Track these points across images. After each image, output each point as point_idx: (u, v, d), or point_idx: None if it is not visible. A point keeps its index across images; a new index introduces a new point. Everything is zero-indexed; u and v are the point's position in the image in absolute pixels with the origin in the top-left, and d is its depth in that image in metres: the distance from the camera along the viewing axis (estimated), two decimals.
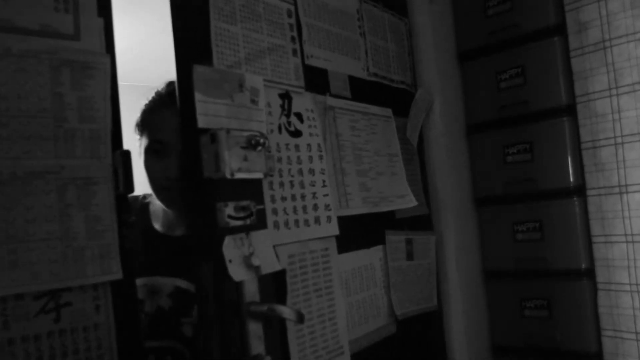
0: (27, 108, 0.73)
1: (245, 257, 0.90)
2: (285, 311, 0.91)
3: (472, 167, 1.70)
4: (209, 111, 0.91)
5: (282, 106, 1.08)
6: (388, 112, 1.41)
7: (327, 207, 1.13)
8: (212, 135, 0.89)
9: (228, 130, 0.90)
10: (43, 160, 0.74)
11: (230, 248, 0.89)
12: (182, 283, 1.17)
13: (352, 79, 1.32)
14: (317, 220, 1.10)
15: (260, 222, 0.97)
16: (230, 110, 0.94)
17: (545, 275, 1.56)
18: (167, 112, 1.17)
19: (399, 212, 1.41)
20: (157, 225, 1.27)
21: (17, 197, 0.72)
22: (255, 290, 0.93)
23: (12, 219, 0.71)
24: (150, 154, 1.18)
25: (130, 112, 1.68)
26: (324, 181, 1.14)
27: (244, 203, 0.92)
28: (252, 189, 0.96)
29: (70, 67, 0.77)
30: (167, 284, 1.18)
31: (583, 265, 1.47)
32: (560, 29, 1.52)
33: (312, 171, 1.12)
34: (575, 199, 1.49)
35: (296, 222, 1.06)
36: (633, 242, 1.37)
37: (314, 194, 1.11)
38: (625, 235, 1.37)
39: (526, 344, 1.59)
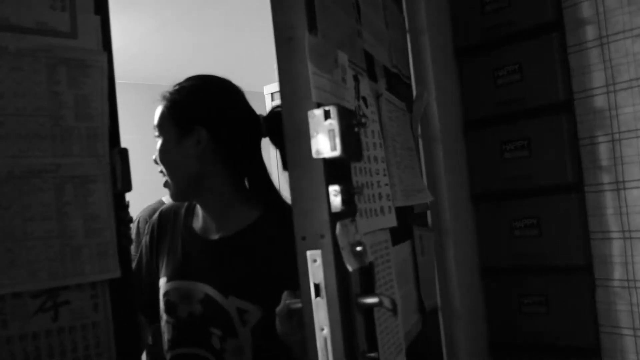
0: (23, 106, 0.73)
1: (352, 245, 0.83)
2: (392, 303, 0.83)
3: (469, 163, 1.70)
4: (320, 85, 0.83)
5: (356, 88, 1.02)
6: (404, 105, 1.40)
7: (387, 197, 1.09)
8: (327, 111, 0.80)
9: (341, 107, 0.81)
10: (40, 158, 0.74)
11: (342, 235, 0.82)
12: (212, 291, 1.12)
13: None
14: (381, 210, 1.06)
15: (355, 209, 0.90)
16: (332, 87, 0.87)
17: (543, 272, 1.56)
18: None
19: (415, 207, 1.40)
20: (197, 227, 1.23)
21: (15, 196, 0.71)
22: (357, 281, 0.86)
23: (9, 217, 0.71)
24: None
25: (128, 110, 1.68)
26: (384, 170, 1.10)
27: (350, 187, 0.84)
28: (346, 173, 0.90)
29: (67, 65, 0.77)
30: (198, 289, 1.13)
31: (581, 262, 1.48)
32: (558, 26, 1.52)
33: (375, 159, 1.07)
34: (572, 195, 1.50)
35: (369, 211, 1.00)
36: (631, 238, 1.38)
37: (378, 182, 1.06)
38: (623, 231, 1.37)
39: (524, 340, 1.60)
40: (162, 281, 1.21)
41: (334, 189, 0.81)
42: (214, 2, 3.27)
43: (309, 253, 0.81)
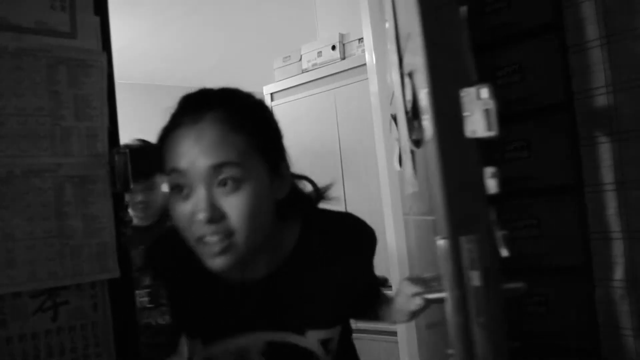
0: (23, 106, 0.73)
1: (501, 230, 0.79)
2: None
3: None
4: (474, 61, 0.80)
5: None
6: None
7: None
8: (482, 90, 0.77)
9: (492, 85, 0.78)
10: (40, 158, 0.74)
11: (495, 219, 0.79)
12: (277, 336, 0.92)
13: None
14: None
15: None
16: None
17: (543, 272, 1.56)
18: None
19: None
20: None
21: (15, 196, 0.71)
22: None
23: (9, 217, 0.71)
24: None
25: (127, 110, 1.68)
26: None
27: (494, 169, 0.80)
28: (500, 154, 0.89)
29: (67, 65, 0.77)
30: (253, 341, 0.93)
31: (581, 262, 1.48)
32: (558, 26, 1.52)
33: None
34: (572, 195, 1.50)
35: None
36: (630, 238, 1.38)
37: None
38: (622, 231, 1.37)
39: (524, 340, 1.60)
40: (193, 345, 0.97)
41: (490, 171, 0.78)
42: (214, 2, 3.27)
43: (463, 239, 0.77)
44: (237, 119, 0.82)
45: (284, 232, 0.94)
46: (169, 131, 0.82)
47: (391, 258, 2.33)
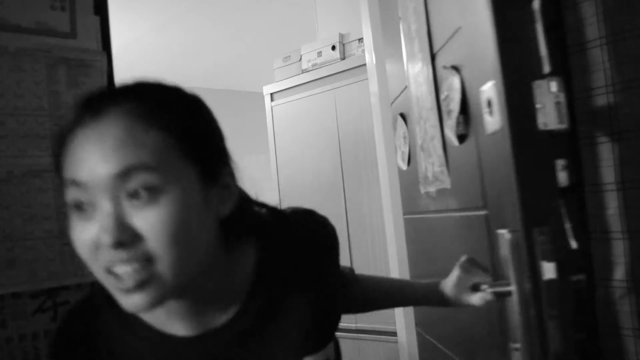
0: (23, 106, 0.73)
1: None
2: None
3: None
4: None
5: None
6: None
7: None
8: (553, 83, 0.79)
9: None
10: (40, 158, 0.74)
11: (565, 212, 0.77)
12: None
13: None
14: None
15: None
16: None
17: None
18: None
19: None
20: (155, 322, 0.70)
21: (15, 196, 0.72)
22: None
23: (9, 217, 0.71)
24: None
25: None
26: None
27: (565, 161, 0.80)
28: (572, 147, 0.87)
29: (67, 65, 0.77)
30: None
31: (580, 262, 1.47)
32: (558, 26, 1.52)
33: None
34: (572, 195, 1.50)
35: None
36: (630, 238, 1.38)
37: None
38: (622, 232, 1.37)
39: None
40: None
41: (561, 163, 0.79)
42: (214, 2, 3.27)
43: (536, 230, 0.76)
44: (150, 112, 0.62)
45: (238, 259, 0.74)
46: (66, 134, 0.62)
47: (391, 258, 2.33)
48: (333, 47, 2.72)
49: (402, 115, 1.55)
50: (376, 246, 2.48)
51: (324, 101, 2.71)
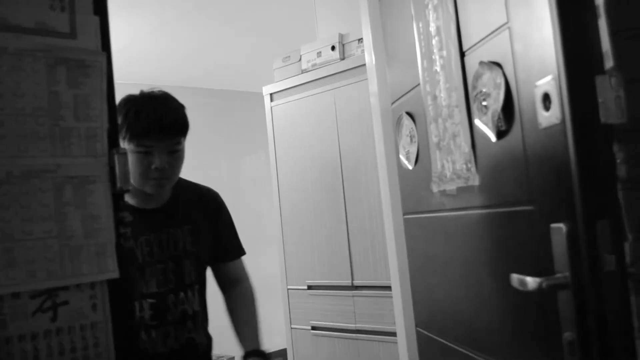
0: (23, 106, 0.73)
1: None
2: None
3: None
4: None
5: None
6: None
7: None
8: (611, 77, 0.81)
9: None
10: (40, 159, 0.74)
11: (626, 206, 0.80)
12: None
13: None
14: None
15: None
16: None
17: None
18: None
19: None
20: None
21: (14, 196, 0.71)
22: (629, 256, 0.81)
23: (9, 217, 0.71)
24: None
25: None
26: None
27: (625, 155, 0.82)
28: (633, 141, 0.88)
29: (66, 66, 0.77)
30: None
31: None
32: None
33: None
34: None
35: None
36: (629, 238, 1.37)
37: None
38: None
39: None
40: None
41: (620, 156, 0.80)
42: (214, 2, 3.27)
43: (598, 223, 0.78)
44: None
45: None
46: None
47: (391, 258, 2.33)
48: (333, 48, 2.72)
49: (410, 114, 1.54)
50: (376, 246, 2.47)
51: (324, 101, 2.71)
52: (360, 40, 2.58)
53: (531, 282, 0.87)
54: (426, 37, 1.36)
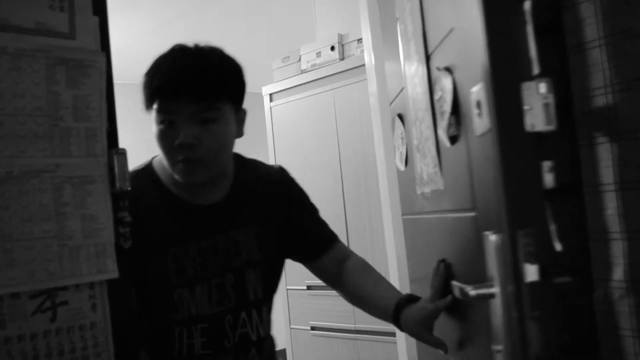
0: (22, 106, 0.73)
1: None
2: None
3: None
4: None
5: None
6: None
7: None
8: (542, 84, 0.80)
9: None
10: (39, 159, 0.74)
11: (554, 215, 0.80)
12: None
13: None
14: None
15: None
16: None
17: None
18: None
19: None
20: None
21: (13, 196, 0.71)
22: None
23: (8, 218, 0.71)
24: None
25: (126, 110, 1.68)
26: None
27: (552, 164, 0.82)
28: (561, 149, 0.89)
29: (66, 66, 0.77)
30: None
31: (580, 263, 1.48)
32: (557, 26, 1.52)
33: None
34: (571, 196, 1.50)
35: None
36: (629, 239, 1.38)
37: None
38: (621, 232, 1.37)
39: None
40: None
41: (547, 165, 0.79)
42: (214, 2, 3.27)
43: (521, 232, 0.77)
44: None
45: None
46: None
47: (390, 258, 2.33)
48: (332, 48, 2.72)
49: (400, 116, 1.55)
50: (375, 246, 2.47)
51: (323, 102, 2.71)
52: (359, 40, 2.58)
53: (470, 290, 0.86)
54: (406, 39, 1.36)
